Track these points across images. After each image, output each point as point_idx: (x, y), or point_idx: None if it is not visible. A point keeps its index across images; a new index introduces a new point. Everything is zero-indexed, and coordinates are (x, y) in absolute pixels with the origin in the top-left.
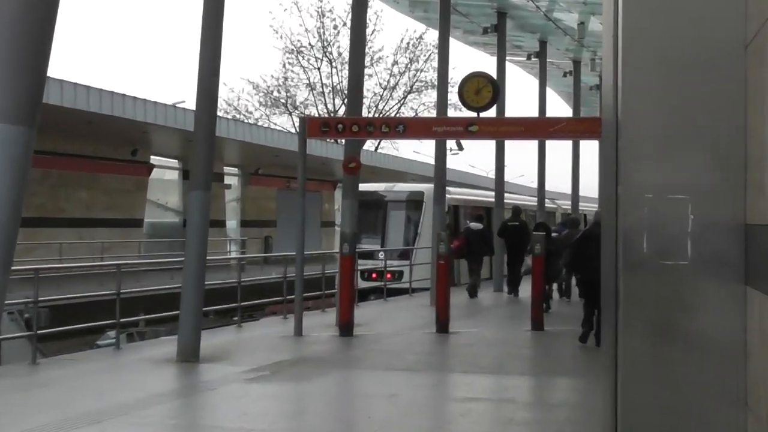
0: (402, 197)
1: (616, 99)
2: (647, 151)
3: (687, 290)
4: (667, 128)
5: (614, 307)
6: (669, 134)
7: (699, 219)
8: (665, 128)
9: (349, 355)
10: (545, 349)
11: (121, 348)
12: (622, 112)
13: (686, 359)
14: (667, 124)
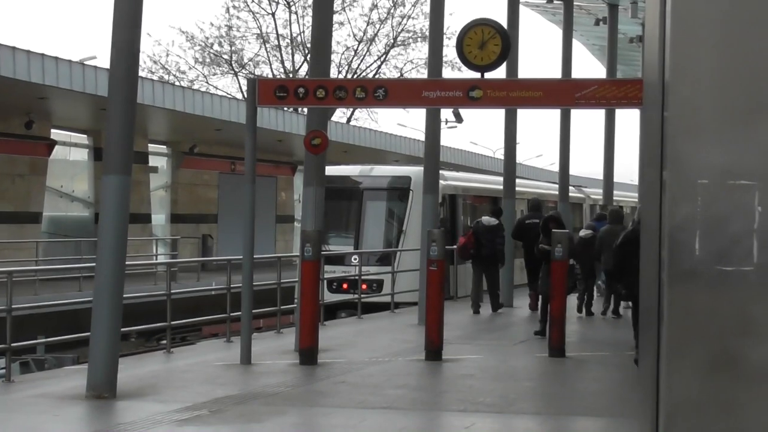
0: (382, 184)
1: (663, 55)
2: (703, 123)
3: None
4: (729, 93)
5: (656, 328)
6: (732, 101)
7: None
8: (727, 93)
9: (311, 390)
10: (566, 382)
11: (13, 381)
12: (671, 71)
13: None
14: (728, 88)
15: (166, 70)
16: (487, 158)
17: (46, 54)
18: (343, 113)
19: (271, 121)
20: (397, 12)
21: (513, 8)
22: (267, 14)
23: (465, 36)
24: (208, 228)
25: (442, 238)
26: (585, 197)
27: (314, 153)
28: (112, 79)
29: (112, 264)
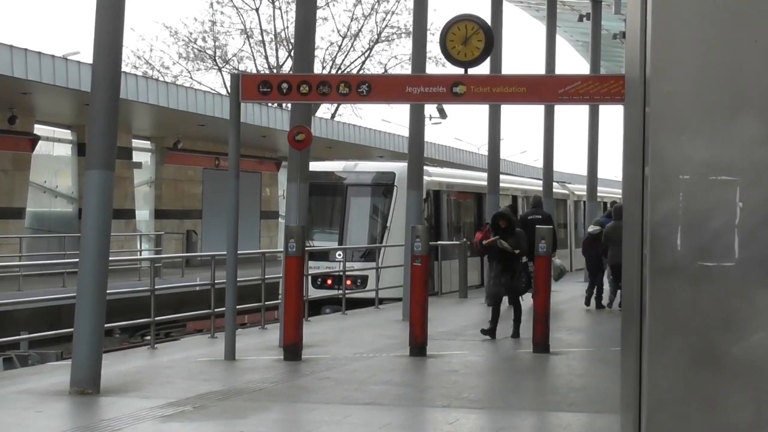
0: (366, 179)
1: (644, 51)
2: (683, 118)
3: (733, 300)
4: (710, 89)
5: (638, 323)
6: (713, 97)
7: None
8: (708, 89)
9: (295, 386)
10: (550, 378)
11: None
12: (652, 67)
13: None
14: (709, 84)
15: (149, 65)
16: (472, 154)
17: (29, 49)
18: (328, 109)
19: (255, 117)
20: (381, 8)
21: (496, 4)
22: (251, 10)
23: (448, 32)
24: (192, 224)
25: (426, 234)
26: (569, 193)
27: (298, 148)
28: (95, 74)
29: (95, 259)
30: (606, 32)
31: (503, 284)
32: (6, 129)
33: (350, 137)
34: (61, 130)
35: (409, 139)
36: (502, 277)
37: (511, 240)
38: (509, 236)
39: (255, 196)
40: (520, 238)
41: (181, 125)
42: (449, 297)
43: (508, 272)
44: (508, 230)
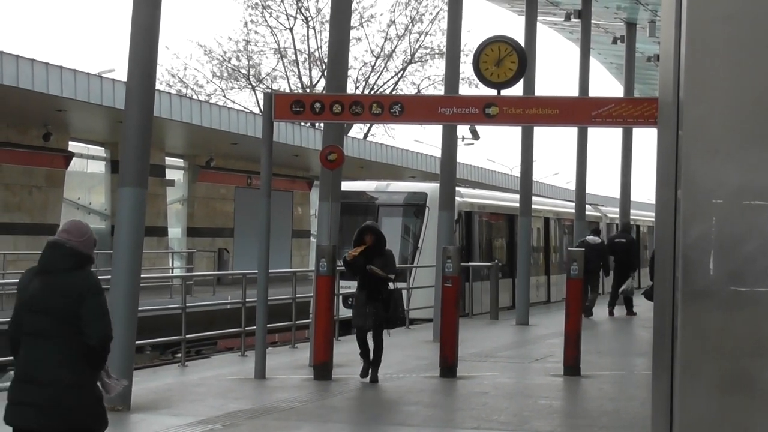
0: (398, 200)
1: (677, 73)
2: (717, 142)
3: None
4: (744, 113)
5: (670, 347)
6: (746, 120)
7: None
8: (742, 113)
9: (325, 405)
10: (581, 401)
11: None
12: (685, 90)
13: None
14: (743, 108)
15: (183, 83)
16: (504, 175)
17: (64, 66)
18: (360, 128)
19: (287, 136)
20: (414, 28)
21: (530, 26)
22: (285, 29)
23: (482, 53)
24: (223, 242)
25: (458, 255)
26: (602, 216)
27: (330, 168)
28: (129, 91)
29: (127, 276)
30: (640, 55)
31: (369, 314)
32: (41, 146)
33: (382, 157)
34: (95, 147)
35: (441, 160)
36: (368, 306)
37: (378, 261)
38: (377, 256)
39: (287, 215)
40: (389, 259)
41: (214, 143)
42: (480, 318)
43: (376, 300)
44: (375, 248)
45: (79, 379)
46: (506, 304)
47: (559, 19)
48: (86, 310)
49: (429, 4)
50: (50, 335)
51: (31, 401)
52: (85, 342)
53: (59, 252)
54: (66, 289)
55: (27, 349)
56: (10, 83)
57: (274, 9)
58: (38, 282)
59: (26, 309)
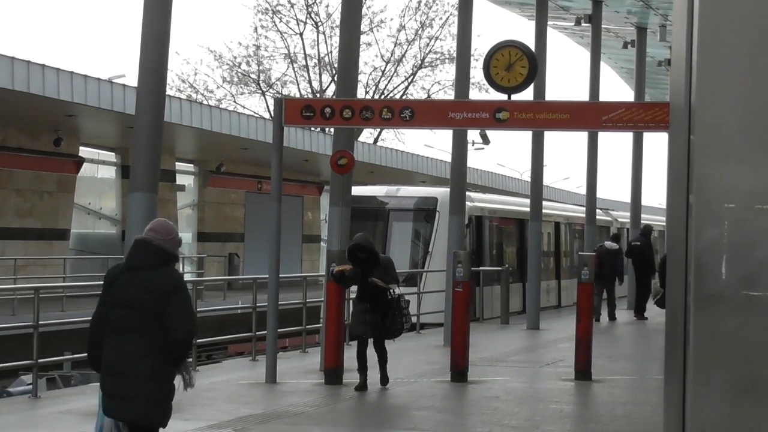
0: (408, 204)
1: (689, 77)
2: (728, 146)
3: None
4: (755, 117)
5: (682, 353)
6: (759, 124)
7: None
8: (753, 117)
9: (336, 410)
10: (592, 405)
11: (39, 397)
12: (697, 95)
13: None
14: (755, 112)
15: (194, 88)
16: (514, 180)
17: (75, 72)
18: (370, 133)
19: (297, 141)
20: (425, 33)
21: (541, 30)
22: (295, 34)
23: (492, 57)
24: (234, 247)
25: (468, 260)
26: (612, 220)
27: (340, 173)
28: (140, 97)
29: None
30: (651, 59)
31: (369, 323)
32: (51, 151)
33: (393, 162)
34: (106, 153)
35: (452, 165)
36: (367, 315)
37: (377, 272)
38: (373, 268)
39: (297, 219)
40: (389, 267)
41: (224, 149)
42: (491, 323)
43: (377, 310)
44: (370, 262)
45: (161, 372)
46: (517, 308)
47: (569, 24)
48: (171, 306)
49: (439, 8)
50: (136, 329)
51: (118, 392)
52: (170, 336)
53: (146, 250)
54: (152, 285)
55: (113, 343)
56: (21, 89)
57: (284, 14)
58: (125, 278)
59: (113, 304)
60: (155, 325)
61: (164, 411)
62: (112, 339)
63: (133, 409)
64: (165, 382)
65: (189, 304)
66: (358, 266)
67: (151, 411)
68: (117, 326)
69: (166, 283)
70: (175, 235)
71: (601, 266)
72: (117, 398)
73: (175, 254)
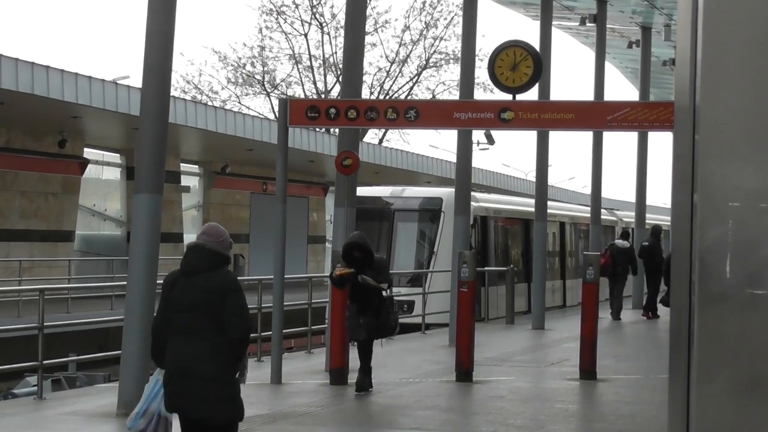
0: (414, 205)
1: (694, 77)
2: (733, 145)
3: None
4: (759, 116)
5: (686, 351)
6: (763, 123)
7: None
8: (757, 116)
9: (341, 410)
10: (597, 405)
11: (45, 398)
12: (701, 94)
13: None
14: (759, 111)
15: (198, 89)
16: (520, 180)
17: (79, 73)
18: (375, 134)
19: (302, 142)
20: (429, 34)
21: (545, 30)
22: (299, 35)
23: (497, 58)
24: (239, 248)
25: (473, 260)
26: (617, 220)
27: (345, 173)
28: (144, 98)
29: (143, 282)
30: (656, 59)
31: (363, 324)
32: (56, 152)
33: (398, 162)
34: (111, 154)
35: (457, 165)
36: (361, 317)
37: (370, 272)
38: (368, 268)
39: (302, 220)
40: (382, 268)
41: (229, 150)
42: (496, 323)
43: (369, 310)
44: (365, 261)
45: (223, 371)
46: (522, 308)
47: (574, 24)
48: (227, 307)
49: (443, 9)
50: (196, 331)
51: (184, 392)
52: (227, 336)
53: (201, 254)
54: (208, 287)
55: (177, 345)
56: (26, 90)
57: (288, 15)
58: (183, 283)
59: (173, 309)
60: (215, 327)
61: (236, 407)
62: (176, 342)
63: (202, 409)
64: (229, 380)
65: (244, 303)
66: (353, 266)
67: (221, 409)
68: (179, 329)
69: (222, 284)
70: (226, 237)
71: (614, 265)
72: (184, 398)
73: (228, 256)
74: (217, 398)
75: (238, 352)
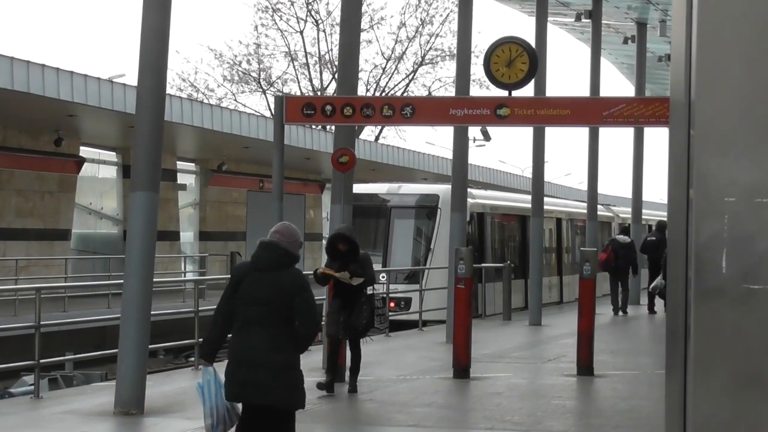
0: (410, 202)
1: (689, 72)
2: (729, 140)
3: None
4: (755, 111)
5: (683, 347)
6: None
7: None
8: (753, 111)
9: (338, 407)
10: (594, 400)
11: (41, 397)
12: (697, 89)
13: None
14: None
15: (194, 87)
16: (516, 177)
17: (75, 71)
18: (372, 131)
19: (299, 139)
20: (425, 30)
21: (541, 26)
22: (295, 32)
23: (492, 54)
24: (236, 245)
25: (470, 256)
26: (614, 216)
27: (342, 171)
28: (140, 96)
29: (139, 281)
30: (651, 54)
31: (341, 323)
32: (52, 151)
33: (394, 160)
34: (107, 152)
35: (453, 162)
36: (340, 315)
37: (352, 266)
38: (351, 262)
39: (299, 218)
40: (365, 264)
41: (226, 147)
42: (493, 319)
43: (347, 308)
44: (349, 255)
45: (289, 361)
46: (519, 305)
47: (569, 20)
48: (299, 304)
49: (439, 5)
50: (264, 324)
51: (250, 381)
52: (297, 330)
53: (273, 252)
54: (279, 284)
55: (246, 337)
56: (21, 89)
57: (284, 12)
58: (253, 278)
59: (241, 302)
60: (283, 320)
61: (302, 394)
62: (245, 333)
63: (272, 396)
64: (296, 369)
65: (313, 302)
66: (336, 259)
67: (290, 396)
68: (248, 322)
69: (292, 283)
70: (298, 237)
71: (616, 260)
72: (253, 387)
73: (298, 256)
74: (284, 385)
75: (304, 345)
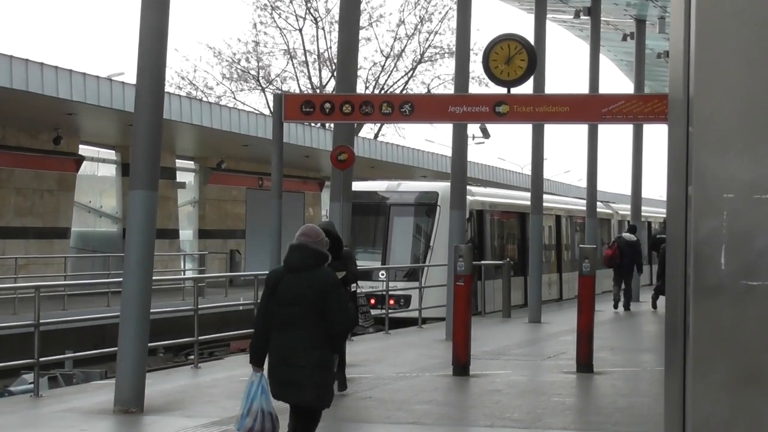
0: (409, 199)
1: (687, 69)
2: (727, 137)
3: None
4: (753, 108)
5: (682, 344)
6: (757, 115)
7: None
8: (751, 108)
9: (338, 405)
10: (593, 397)
11: (41, 395)
12: (695, 86)
13: None
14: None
15: (193, 85)
16: (515, 174)
17: (74, 70)
18: (371, 128)
19: (298, 137)
20: (424, 28)
21: (540, 23)
22: (294, 30)
23: (491, 51)
24: (235, 243)
25: (469, 254)
26: (613, 213)
27: (341, 168)
28: (139, 95)
29: (139, 279)
30: (650, 51)
31: None
32: (51, 149)
33: (393, 157)
34: (106, 151)
35: (452, 159)
36: None
37: (335, 263)
38: (334, 259)
39: (298, 215)
40: (348, 261)
41: (225, 145)
42: (492, 317)
43: None
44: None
45: (323, 359)
46: (518, 302)
47: (568, 17)
48: (331, 302)
49: (438, 3)
50: (301, 324)
51: (292, 380)
52: (331, 328)
53: (304, 253)
54: (312, 283)
55: (281, 337)
56: (20, 87)
57: (283, 10)
58: (288, 280)
59: (278, 303)
60: (317, 319)
61: (331, 395)
62: (282, 334)
63: (305, 394)
64: (329, 369)
65: (345, 299)
66: None
67: (320, 395)
68: (285, 322)
69: (325, 281)
70: (323, 237)
71: (621, 257)
72: (290, 385)
73: (327, 254)
74: (318, 384)
75: (339, 342)
